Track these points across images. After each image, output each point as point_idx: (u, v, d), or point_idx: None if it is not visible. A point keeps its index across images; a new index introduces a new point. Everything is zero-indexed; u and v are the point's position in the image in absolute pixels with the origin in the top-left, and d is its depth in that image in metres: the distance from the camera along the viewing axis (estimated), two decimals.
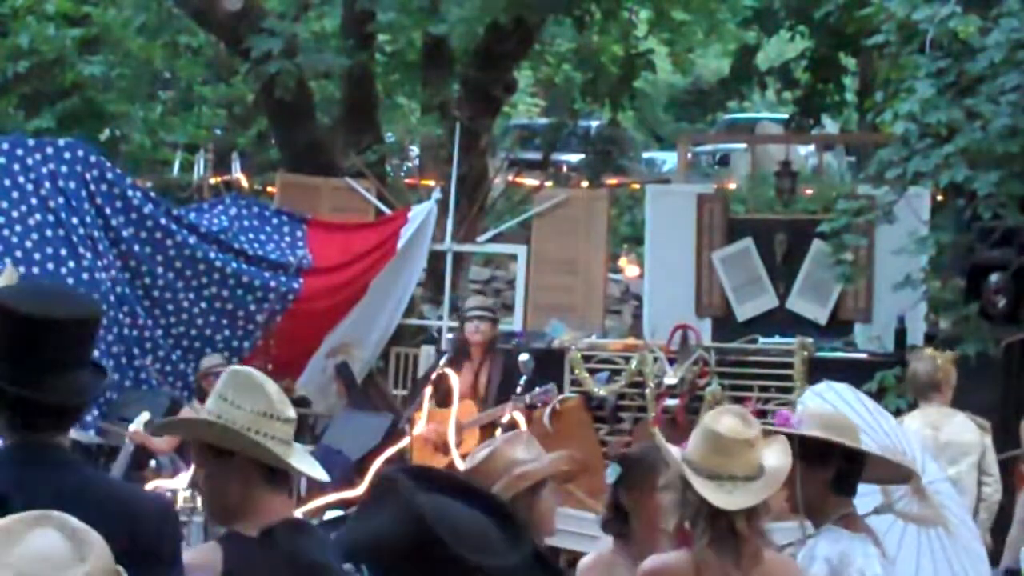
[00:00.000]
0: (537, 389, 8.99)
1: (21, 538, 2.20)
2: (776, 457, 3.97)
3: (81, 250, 9.89)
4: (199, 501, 7.82)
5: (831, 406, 4.77)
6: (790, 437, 4.13)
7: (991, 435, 7.70)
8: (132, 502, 3.20)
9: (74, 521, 2.26)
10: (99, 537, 2.27)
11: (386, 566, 2.03)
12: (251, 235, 11.13)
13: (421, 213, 11.77)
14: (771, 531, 3.99)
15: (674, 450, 4.10)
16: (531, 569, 2.16)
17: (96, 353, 10.68)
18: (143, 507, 3.19)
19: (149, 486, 7.98)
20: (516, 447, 3.97)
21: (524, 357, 9.25)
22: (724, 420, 3.96)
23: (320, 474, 3.54)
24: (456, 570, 2.02)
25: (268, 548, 3.24)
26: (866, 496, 4.58)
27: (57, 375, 3.11)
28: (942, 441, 7.42)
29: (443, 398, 9.17)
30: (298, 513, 9.44)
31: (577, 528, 6.95)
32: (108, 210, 10.22)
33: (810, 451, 4.21)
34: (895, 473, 4.56)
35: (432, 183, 13.65)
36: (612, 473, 4.53)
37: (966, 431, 7.51)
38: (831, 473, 4.26)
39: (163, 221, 10.50)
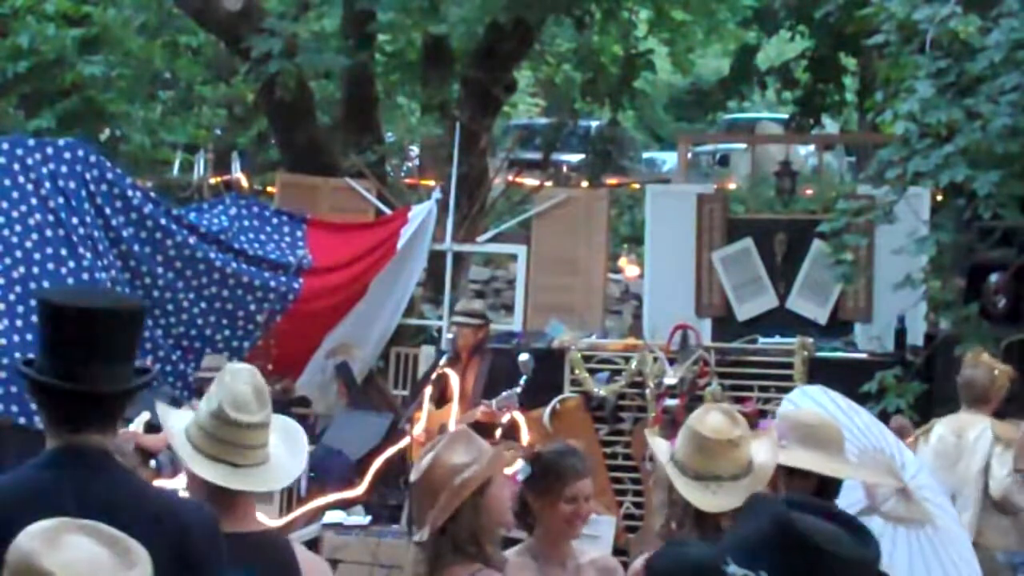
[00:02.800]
0: (503, 394, 9.01)
1: (61, 541, 2.20)
2: (764, 454, 3.97)
3: (81, 250, 9.88)
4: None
5: (813, 411, 4.76)
6: None
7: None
8: (183, 513, 3.15)
9: (110, 529, 2.26)
10: (139, 545, 2.26)
11: (750, 563, 2.20)
12: (251, 235, 11.13)
13: (421, 213, 11.77)
14: None
15: (663, 446, 4.10)
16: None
17: None
18: (193, 518, 3.14)
19: None
20: (455, 450, 3.86)
21: (524, 357, 9.25)
22: (708, 420, 3.96)
23: (248, 486, 3.52)
24: (815, 558, 2.18)
25: None
26: (852, 505, 4.60)
27: (93, 366, 3.05)
28: (964, 446, 7.46)
29: (438, 398, 9.18)
30: (298, 513, 9.48)
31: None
32: (108, 210, 10.21)
33: (792, 467, 4.22)
34: (879, 475, 4.58)
35: (432, 183, 13.66)
36: (522, 472, 4.53)
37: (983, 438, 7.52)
38: (813, 483, 4.27)
39: (163, 221, 10.50)
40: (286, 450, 3.63)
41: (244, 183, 15.81)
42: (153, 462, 9.34)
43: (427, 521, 3.80)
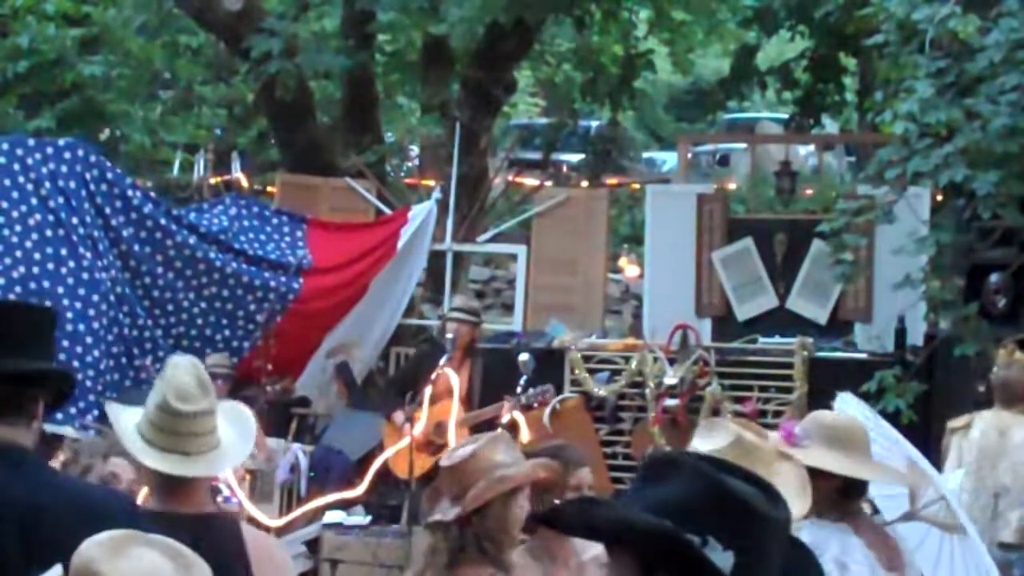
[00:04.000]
0: (533, 389, 8.99)
1: (126, 552, 2.22)
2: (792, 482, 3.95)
3: (81, 250, 9.88)
4: None
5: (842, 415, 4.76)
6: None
7: None
8: (105, 502, 3.26)
9: (177, 544, 2.27)
10: (203, 561, 2.28)
11: (690, 529, 2.15)
12: (251, 235, 11.12)
13: (421, 213, 11.77)
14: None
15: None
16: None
17: (96, 353, 10.62)
18: (112, 505, 3.24)
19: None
20: (497, 449, 3.94)
21: (524, 357, 9.25)
22: (746, 433, 3.96)
23: (169, 469, 3.61)
24: (751, 521, 2.16)
25: None
26: (893, 500, 4.61)
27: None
28: (1009, 446, 7.47)
29: (432, 397, 9.16)
30: (298, 513, 9.49)
31: None
32: (108, 210, 10.21)
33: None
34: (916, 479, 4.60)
35: (432, 183, 13.65)
36: None
37: None
38: (838, 483, 4.28)
39: (163, 221, 10.50)
40: (235, 433, 3.74)
41: (244, 183, 15.80)
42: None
43: (453, 504, 3.81)
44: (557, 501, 4.27)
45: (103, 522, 3.00)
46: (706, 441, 3.84)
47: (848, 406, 5.03)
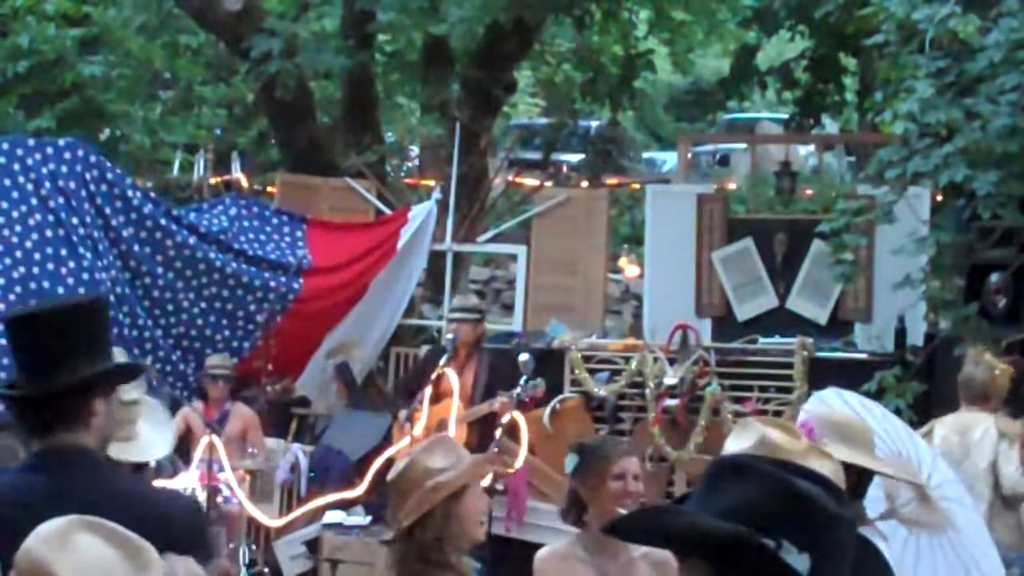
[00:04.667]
0: (523, 384, 8.97)
1: (71, 541, 2.20)
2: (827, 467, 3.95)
3: (81, 250, 9.88)
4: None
5: (843, 410, 4.76)
6: None
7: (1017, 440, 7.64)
8: (163, 503, 3.22)
9: (122, 530, 2.26)
10: (150, 546, 2.27)
11: (764, 533, 2.13)
12: (251, 235, 11.13)
13: (421, 213, 11.78)
14: None
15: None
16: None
17: None
18: (173, 507, 3.21)
19: None
20: (433, 455, 3.86)
21: (524, 357, 9.25)
22: (774, 432, 3.96)
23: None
24: (824, 522, 2.15)
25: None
26: (872, 503, 4.59)
27: (45, 369, 3.11)
28: (969, 444, 7.47)
29: (434, 396, 9.17)
30: (298, 513, 9.49)
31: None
32: (108, 210, 10.21)
33: None
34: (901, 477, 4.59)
35: (432, 183, 13.66)
36: (570, 463, 4.55)
37: (987, 437, 7.52)
38: (852, 480, 4.27)
39: (163, 221, 10.50)
40: (150, 428, 3.88)
41: (244, 183, 15.80)
42: (153, 461, 9.34)
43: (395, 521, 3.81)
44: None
45: (162, 524, 3.01)
46: (734, 442, 3.83)
47: (831, 401, 5.01)
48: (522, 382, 9.01)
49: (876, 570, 3.47)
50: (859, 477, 4.29)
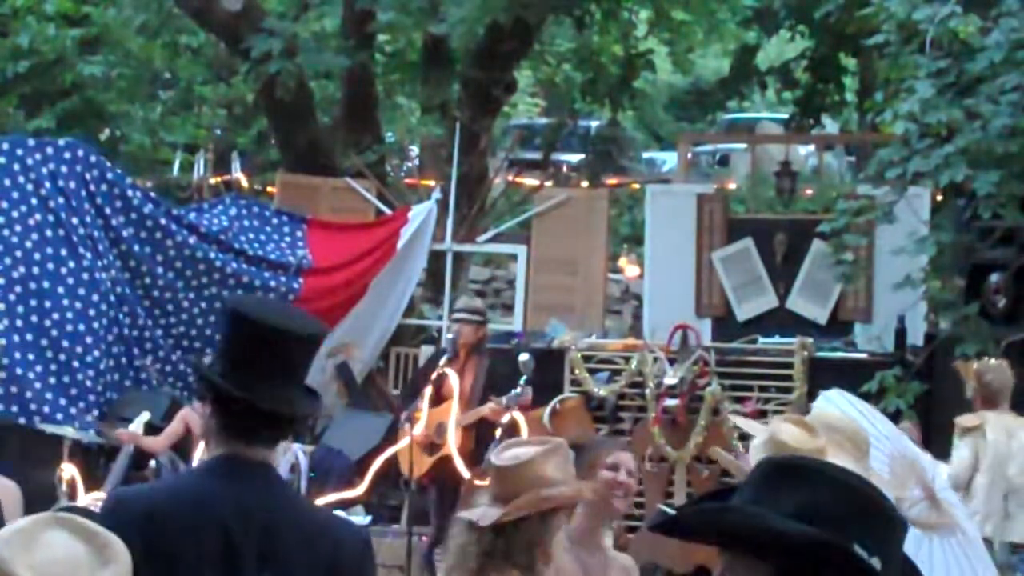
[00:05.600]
0: (510, 393, 8.98)
1: (37, 540, 2.20)
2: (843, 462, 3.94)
3: (81, 250, 9.89)
4: None
5: (841, 411, 4.75)
6: None
7: None
8: (335, 528, 3.19)
9: (90, 524, 2.26)
10: (119, 541, 2.27)
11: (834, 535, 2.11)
12: (251, 235, 11.13)
13: (421, 213, 11.78)
14: None
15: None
16: None
17: (97, 353, 10.61)
18: (346, 534, 3.18)
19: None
20: (549, 463, 3.83)
21: (524, 357, 9.23)
22: (786, 429, 3.95)
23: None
24: (892, 527, 2.16)
25: None
26: None
27: (279, 386, 3.10)
28: (1015, 447, 7.51)
29: (435, 398, 9.16)
30: None
31: None
32: (108, 210, 10.21)
33: None
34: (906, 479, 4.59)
35: (432, 183, 13.66)
36: None
37: None
38: None
39: (163, 221, 10.50)
40: None
41: (244, 183, 15.81)
42: (153, 462, 9.35)
43: (492, 505, 3.78)
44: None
45: (337, 549, 3.03)
46: (754, 441, 3.85)
47: (836, 403, 5.00)
48: (521, 382, 9.01)
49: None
50: None
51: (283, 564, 2.96)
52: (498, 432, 8.74)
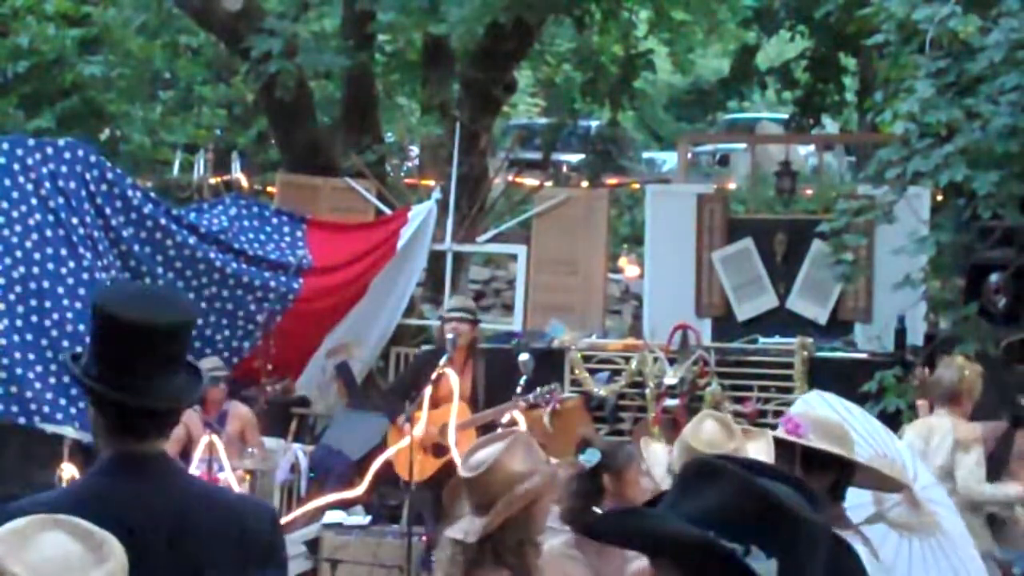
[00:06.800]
0: (540, 388, 8.96)
1: (33, 540, 2.21)
2: (762, 456, 3.95)
3: (81, 250, 9.88)
4: None
5: (827, 413, 4.76)
6: (790, 444, 4.16)
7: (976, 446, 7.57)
8: (242, 505, 3.24)
9: (86, 524, 2.26)
10: (113, 538, 2.27)
11: (733, 538, 2.13)
12: (251, 235, 11.13)
13: (421, 213, 11.78)
14: None
15: (661, 456, 4.06)
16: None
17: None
18: (252, 509, 3.22)
19: None
20: (515, 457, 3.80)
21: (524, 357, 9.24)
22: (703, 432, 3.93)
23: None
24: (793, 527, 2.16)
25: None
26: (859, 508, 4.59)
27: (156, 380, 3.06)
28: (928, 451, 7.42)
29: (436, 399, 9.13)
30: (298, 513, 9.48)
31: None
32: (108, 210, 10.21)
33: (812, 460, 4.22)
34: (884, 482, 4.57)
35: (432, 183, 13.65)
36: (591, 457, 4.46)
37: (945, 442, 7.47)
38: (830, 481, 4.26)
39: (163, 221, 10.50)
40: None
41: (244, 183, 15.79)
42: None
43: (475, 515, 3.76)
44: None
45: (242, 528, 3.04)
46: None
47: (813, 405, 5.01)
48: (522, 382, 9.00)
49: (850, 572, 3.47)
50: (838, 479, 4.28)
51: (193, 545, 2.97)
52: (498, 431, 8.74)
